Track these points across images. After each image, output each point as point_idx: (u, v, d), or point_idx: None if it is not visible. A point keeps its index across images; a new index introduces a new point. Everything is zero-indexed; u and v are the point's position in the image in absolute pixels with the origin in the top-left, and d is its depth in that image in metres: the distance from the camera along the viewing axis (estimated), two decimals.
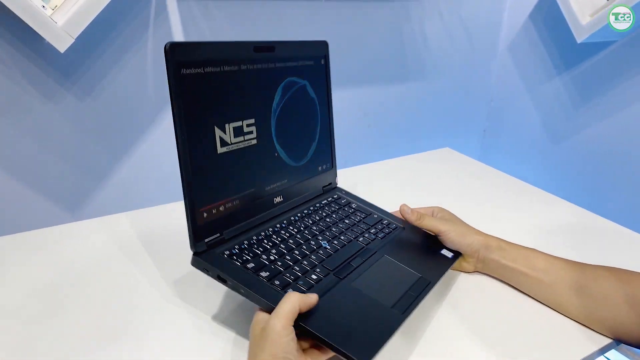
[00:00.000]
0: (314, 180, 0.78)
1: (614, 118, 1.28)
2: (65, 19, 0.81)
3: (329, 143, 0.81)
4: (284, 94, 0.69)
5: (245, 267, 0.59)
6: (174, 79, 0.55)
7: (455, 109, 1.60)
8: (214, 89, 0.59)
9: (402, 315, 0.58)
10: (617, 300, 0.58)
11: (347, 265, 0.65)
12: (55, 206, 1.05)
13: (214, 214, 0.61)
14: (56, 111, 0.99)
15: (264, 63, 0.65)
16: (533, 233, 0.84)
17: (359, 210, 0.79)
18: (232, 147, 0.62)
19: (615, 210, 1.32)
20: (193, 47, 0.57)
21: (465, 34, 1.49)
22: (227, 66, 0.60)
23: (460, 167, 1.13)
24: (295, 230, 0.69)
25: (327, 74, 0.78)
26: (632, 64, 1.22)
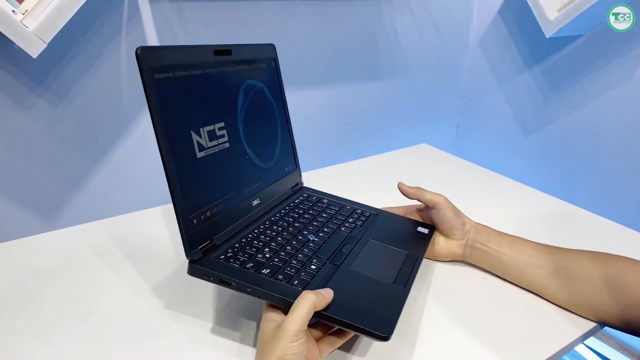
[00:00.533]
0: (283, 181, 0.79)
1: (583, 109, 1.32)
2: (37, 24, 0.80)
3: (289, 144, 0.82)
4: (245, 97, 0.69)
5: (245, 267, 0.60)
6: (150, 84, 0.54)
7: (429, 105, 1.62)
8: (186, 94, 0.59)
9: (405, 289, 0.60)
10: (596, 281, 0.61)
11: (339, 252, 0.67)
12: (32, 215, 1.03)
13: (203, 220, 0.60)
14: (28, 118, 0.97)
15: (224, 66, 0.66)
16: (510, 224, 0.86)
17: (331, 204, 0.81)
18: (208, 151, 0.61)
19: (586, 198, 1.36)
20: (163, 52, 0.56)
21: (436, 31, 1.51)
22: (194, 70, 0.60)
23: (437, 162, 1.15)
24: (280, 229, 0.70)
25: (279, 76, 0.79)
26: (598, 56, 1.26)
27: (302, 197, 0.82)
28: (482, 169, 1.10)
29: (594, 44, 1.26)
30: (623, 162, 1.26)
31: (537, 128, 1.45)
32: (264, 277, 0.59)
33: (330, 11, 1.28)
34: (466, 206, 0.91)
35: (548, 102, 1.40)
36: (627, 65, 1.20)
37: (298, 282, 0.58)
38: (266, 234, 0.68)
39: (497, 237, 0.70)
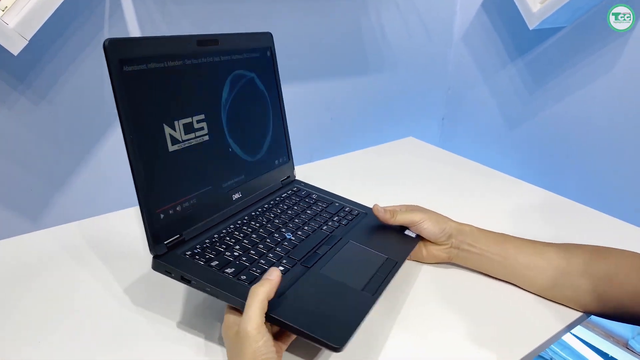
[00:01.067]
0: (271, 174, 0.77)
1: (567, 101, 1.33)
2: (17, 21, 0.78)
3: (282, 136, 0.79)
4: (232, 88, 0.67)
5: (209, 265, 0.58)
6: (117, 77, 0.52)
7: (415, 98, 1.63)
8: (160, 86, 0.57)
9: (373, 297, 0.58)
10: (585, 276, 0.61)
11: (313, 254, 0.65)
12: (15, 216, 1.01)
13: (171, 215, 0.58)
14: (10, 116, 0.95)
15: (208, 57, 0.64)
16: (498, 216, 0.87)
17: (320, 200, 0.80)
18: (183, 144, 0.60)
19: (570, 190, 1.38)
20: (134, 43, 0.54)
21: (421, 25, 1.51)
22: (171, 61, 0.58)
23: (424, 156, 1.15)
24: (257, 225, 0.68)
25: (274, 65, 0.76)
26: (580, 47, 1.27)
27: (291, 192, 0.80)
28: (469, 162, 1.10)
29: (576, 36, 1.27)
30: (607, 152, 1.28)
31: (521, 120, 1.46)
32: (226, 276, 0.57)
33: (316, 6, 1.27)
34: (454, 200, 0.92)
35: (532, 95, 1.41)
36: (608, 57, 1.22)
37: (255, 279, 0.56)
38: (241, 230, 0.66)
39: (483, 237, 0.68)
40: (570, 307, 0.64)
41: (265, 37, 0.76)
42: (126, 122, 0.53)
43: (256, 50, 0.73)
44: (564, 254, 0.64)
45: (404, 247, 0.70)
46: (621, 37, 1.18)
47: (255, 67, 0.72)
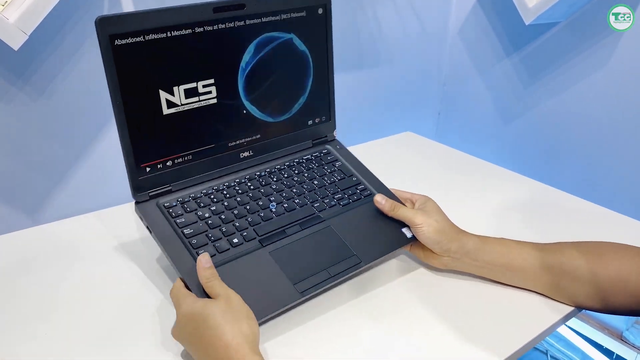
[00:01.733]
0: (299, 134, 0.76)
1: (562, 95, 1.34)
2: (17, 15, 0.78)
3: (325, 95, 0.77)
4: (258, 51, 0.68)
5: (175, 222, 0.61)
6: (105, 51, 0.56)
7: (410, 93, 1.63)
8: (158, 56, 0.60)
9: (299, 295, 0.58)
10: (586, 277, 0.61)
11: (279, 232, 0.64)
12: (13, 211, 1.01)
13: (160, 169, 0.63)
14: (8, 112, 0.95)
15: (228, 22, 0.64)
16: (496, 209, 0.88)
17: (340, 170, 0.76)
18: (182, 107, 0.63)
19: (566, 184, 1.39)
20: (129, 18, 0.57)
21: (417, 20, 1.52)
22: (177, 31, 0.60)
23: (423, 150, 1.16)
24: (251, 187, 0.68)
25: (327, 23, 0.74)
26: (576, 42, 1.28)
27: (318, 154, 0.76)
28: (467, 156, 1.11)
29: (572, 31, 1.28)
30: (602, 146, 1.29)
31: (517, 115, 1.47)
32: (180, 237, 0.59)
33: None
34: (455, 195, 0.93)
35: (528, 89, 1.42)
36: (604, 51, 1.23)
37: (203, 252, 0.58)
38: (231, 190, 0.67)
39: (487, 251, 0.66)
40: (565, 303, 0.65)
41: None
42: (113, 90, 0.58)
43: (301, 9, 0.71)
44: (568, 257, 0.63)
45: (385, 246, 0.67)
46: (616, 33, 1.19)
47: (296, 27, 0.71)
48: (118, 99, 0.58)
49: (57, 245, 0.75)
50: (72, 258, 0.72)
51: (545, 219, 0.84)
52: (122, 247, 0.74)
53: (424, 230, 0.66)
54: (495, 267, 0.66)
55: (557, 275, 0.63)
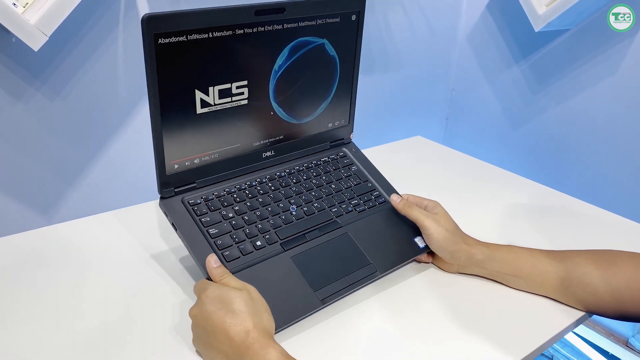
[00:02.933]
0: (319, 136, 0.77)
1: (570, 102, 1.35)
2: (38, 17, 0.80)
3: (347, 100, 0.79)
4: (291, 55, 0.68)
5: (200, 220, 0.62)
6: (148, 49, 0.55)
7: (419, 98, 1.65)
8: (198, 56, 0.60)
9: (320, 302, 0.60)
10: (597, 284, 0.61)
11: (299, 236, 0.66)
12: (27, 210, 1.03)
13: (188, 166, 0.64)
14: (25, 112, 0.96)
15: (267, 26, 0.64)
16: (506, 214, 0.88)
17: (355, 174, 0.77)
18: (215, 107, 0.64)
19: (573, 188, 1.40)
20: (175, 17, 0.56)
21: (426, 26, 1.53)
22: (219, 32, 0.60)
23: (433, 155, 1.17)
24: (272, 188, 0.69)
25: (359, 30, 0.75)
26: (585, 50, 1.29)
27: (335, 156, 0.78)
28: (477, 161, 1.12)
29: (581, 38, 1.29)
30: (610, 152, 1.30)
31: (525, 121, 1.48)
32: (206, 235, 0.61)
33: None
34: (464, 199, 0.94)
35: (536, 95, 1.43)
36: (613, 59, 1.24)
37: (228, 254, 0.60)
38: (253, 189, 0.68)
39: (495, 259, 0.67)
40: (575, 307, 0.65)
41: (356, 0, 0.73)
42: (150, 87, 0.57)
43: (336, 15, 0.71)
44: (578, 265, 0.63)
45: (399, 256, 0.69)
46: (625, 40, 1.20)
47: (329, 32, 0.71)
48: (155, 97, 0.58)
49: (68, 244, 0.76)
50: (84, 258, 0.73)
51: (553, 224, 0.85)
52: (136, 247, 0.75)
53: (433, 237, 0.67)
54: (505, 274, 0.67)
55: (567, 282, 0.63)
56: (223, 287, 0.54)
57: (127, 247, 0.75)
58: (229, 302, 0.52)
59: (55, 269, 0.70)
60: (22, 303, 0.63)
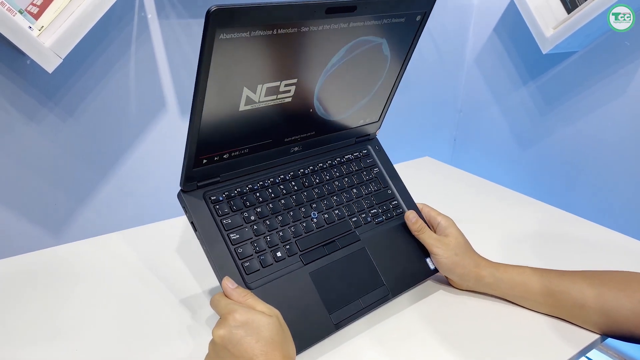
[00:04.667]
0: (348, 132, 0.75)
1: (578, 123, 1.35)
2: (53, 40, 0.81)
3: (385, 98, 0.77)
4: (347, 54, 0.65)
5: (221, 222, 0.60)
6: (208, 45, 0.51)
7: (427, 119, 1.65)
8: (256, 54, 0.56)
9: (334, 327, 0.59)
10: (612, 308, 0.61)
11: (319, 248, 0.65)
12: (39, 229, 1.03)
13: (216, 161, 0.61)
14: (38, 132, 0.98)
15: (334, 24, 0.60)
16: (514, 235, 0.88)
17: (377, 178, 0.77)
18: (259, 104, 0.60)
19: (582, 208, 1.39)
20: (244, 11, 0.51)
21: (434, 48, 1.54)
22: (284, 29, 0.56)
23: (442, 175, 1.17)
24: (295, 187, 0.68)
25: (419, 30, 0.71)
26: (592, 72, 1.30)
27: (359, 154, 0.77)
28: (487, 182, 1.12)
29: (589, 60, 1.30)
30: (619, 174, 1.29)
31: (533, 142, 1.48)
32: (227, 241, 0.59)
33: None
34: (474, 220, 0.93)
35: (544, 117, 1.43)
36: (621, 81, 1.24)
37: (248, 265, 0.58)
38: (275, 188, 0.66)
39: (504, 281, 0.67)
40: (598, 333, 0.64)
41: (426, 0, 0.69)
42: (200, 83, 0.53)
43: (403, 15, 0.67)
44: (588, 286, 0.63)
45: (411, 278, 0.69)
46: (633, 62, 1.21)
47: (390, 32, 0.67)
48: (202, 91, 0.54)
49: (78, 264, 0.76)
50: (93, 278, 0.73)
51: (562, 245, 0.85)
52: (145, 269, 0.75)
53: (441, 263, 0.67)
54: (515, 296, 0.67)
55: (580, 303, 0.63)
56: (252, 312, 0.52)
57: (135, 269, 0.76)
58: (260, 329, 0.50)
59: (64, 290, 0.70)
60: (29, 322, 0.63)
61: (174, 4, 1.04)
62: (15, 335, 0.61)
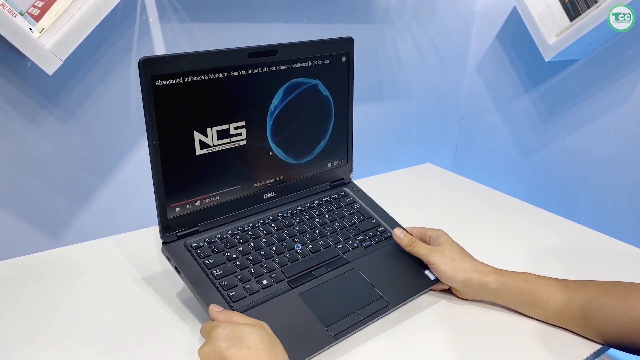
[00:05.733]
0: (319, 176, 0.77)
1: (580, 132, 1.35)
2: (54, 42, 0.81)
3: (344, 139, 0.79)
4: (286, 95, 0.69)
5: (204, 262, 0.61)
6: (146, 91, 0.57)
7: (428, 126, 1.65)
8: (195, 98, 0.60)
9: (333, 338, 0.58)
10: (616, 318, 0.60)
11: (306, 274, 0.64)
12: (37, 232, 1.03)
13: (189, 209, 0.63)
14: (38, 134, 0.97)
15: (261, 67, 0.66)
16: (517, 243, 0.87)
17: (359, 212, 0.76)
18: (214, 148, 0.64)
19: (584, 217, 1.38)
20: (171, 60, 0.58)
21: (436, 55, 1.54)
22: (214, 74, 0.61)
23: (443, 182, 1.16)
24: (275, 228, 0.68)
25: (349, 71, 0.77)
26: (595, 80, 1.29)
27: (337, 196, 0.78)
28: (488, 189, 1.11)
29: (591, 68, 1.30)
30: (619, 183, 1.29)
31: (535, 150, 1.48)
32: (210, 277, 0.60)
33: (335, 34, 1.30)
34: (475, 227, 0.92)
35: (546, 125, 1.43)
36: (624, 89, 1.24)
37: (234, 294, 0.59)
38: (256, 230, 0.67)
39: (509, 288, 0.65)
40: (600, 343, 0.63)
41: (344, 42, 0.76)
42: (149, 129, 0.58)
43: (328, 57, 0.73)
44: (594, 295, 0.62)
45: (410, 289, 0.67)
46: (635, 71, 1.20)
47: (321, 73, 0.73)
48: (155, 139, 0.58)
49: (76, 267, 0.75)
50: (90, 281, 0.72)
51: (564, 253, 0.84)
52: (143, 273, 0.74)
53: (441, 271, 0.66)
54: (521, 303, 0.66)
55: (586, 313, 0.62)
56: (235, 324, 0.52)
57: (133, 272, 0.75)
58: (243, 338, 0.50)
59: (61, 292, 0.70)
60: (26, 324, 0.63)
61: (175, 8, 1.04)
62: (11, 336, 0.60)
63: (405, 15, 1.41)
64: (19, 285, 0.71)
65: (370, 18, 1.35)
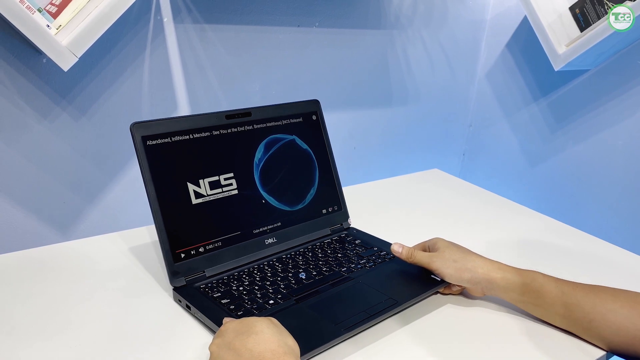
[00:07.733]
0: (317, 222, 0.82)
1: (589, 141, 1.35)
2: (70, 39, 0.82)
3: (333, 187, 0.85)
4: (267, 149, 0.77)
5: (213, 296, 0.65)
6: (139, 150, 0.65)
7: (436, 132, 1.65)
8: (183, 154, 0.69)
9: (342, 331, 0.59)
10: (621, 325, 0.60)
11: (313, 292, 0.67)
12: (46, 226, 1.04)
13: (193, 255, 0.68)
14: (51, 130, 0.99)
15: (239, 127, 0.75)
16: (523, 249, 0.88)
17: (361, 245, 0.79)
18: (208, 198, 0.71)
19: (592, 226, 1.38)
20: (158, 123, 0.67)
21: (445, 62, 1.55)
22: (197, 134, 0.71)
23: (450, 188, 1.17)
24: (279, 265, 0.73)
25: (322, 126, 0.85)
26: (604, 90, 1.29)
27: (337, 237, 0.82)
28: (494, 196, 1.12)
29: (601, 79, 1.30)
30: (628, 193, 1.29)
31: (543, 159, 1.48)
32: (217, 304, 0.63)
33: (346, 39, 1.31)
34: (481, 231, 0.93)
35: (555, 134, 1.43)
36: (632, 100, 1.24)
37: (242, 313, 0.61)
38: (262, 270, 0.71)
39: (517, 286, 0.65)
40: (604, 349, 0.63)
41: (310, 104, 0.84)
42: (147, 183, 0.66)
43: (298, 115, 0.82)
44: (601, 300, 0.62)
45: (417, 289, 0.68)
46: None
47: (296, 129, 0.81)
48: (152, 191, 0.66)
49: (84, 262, 0.76)
50: (99, 274, 0.73)
51: (570, 261, 0.84)
52: (149, 268, 0.75)
53: (445, 273, 0.67)
54: (527, 302, 0.66)
55: (591, 317, 0.62)
56: (243, 319, 0.55)
57: (140, 267, 0.76)
58: (250, 327, 0.52)
59: (68, 285, 0.70)
60: (34, 315, 0.64)
61: (190, 9, 1.06)
62: (20, 327, 0.61)
63: (416, 21, 1.42)
64: (30, 276, 0.72)
65: (381, 23, 1.36)
